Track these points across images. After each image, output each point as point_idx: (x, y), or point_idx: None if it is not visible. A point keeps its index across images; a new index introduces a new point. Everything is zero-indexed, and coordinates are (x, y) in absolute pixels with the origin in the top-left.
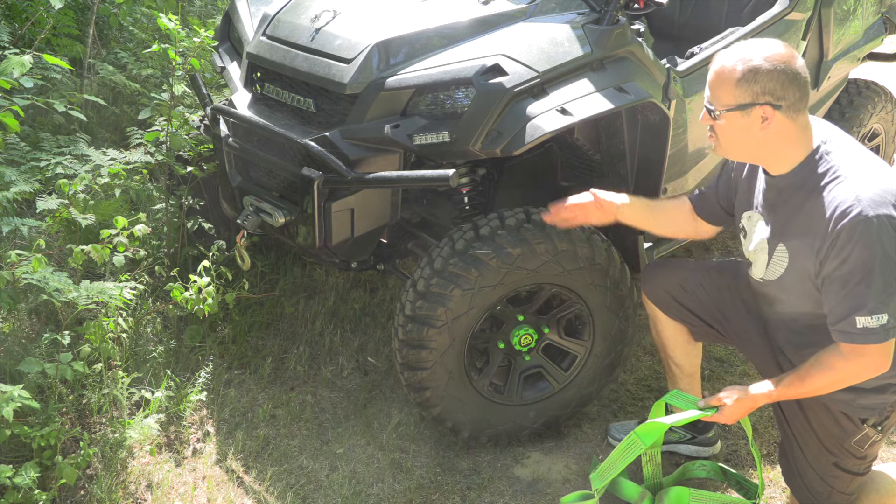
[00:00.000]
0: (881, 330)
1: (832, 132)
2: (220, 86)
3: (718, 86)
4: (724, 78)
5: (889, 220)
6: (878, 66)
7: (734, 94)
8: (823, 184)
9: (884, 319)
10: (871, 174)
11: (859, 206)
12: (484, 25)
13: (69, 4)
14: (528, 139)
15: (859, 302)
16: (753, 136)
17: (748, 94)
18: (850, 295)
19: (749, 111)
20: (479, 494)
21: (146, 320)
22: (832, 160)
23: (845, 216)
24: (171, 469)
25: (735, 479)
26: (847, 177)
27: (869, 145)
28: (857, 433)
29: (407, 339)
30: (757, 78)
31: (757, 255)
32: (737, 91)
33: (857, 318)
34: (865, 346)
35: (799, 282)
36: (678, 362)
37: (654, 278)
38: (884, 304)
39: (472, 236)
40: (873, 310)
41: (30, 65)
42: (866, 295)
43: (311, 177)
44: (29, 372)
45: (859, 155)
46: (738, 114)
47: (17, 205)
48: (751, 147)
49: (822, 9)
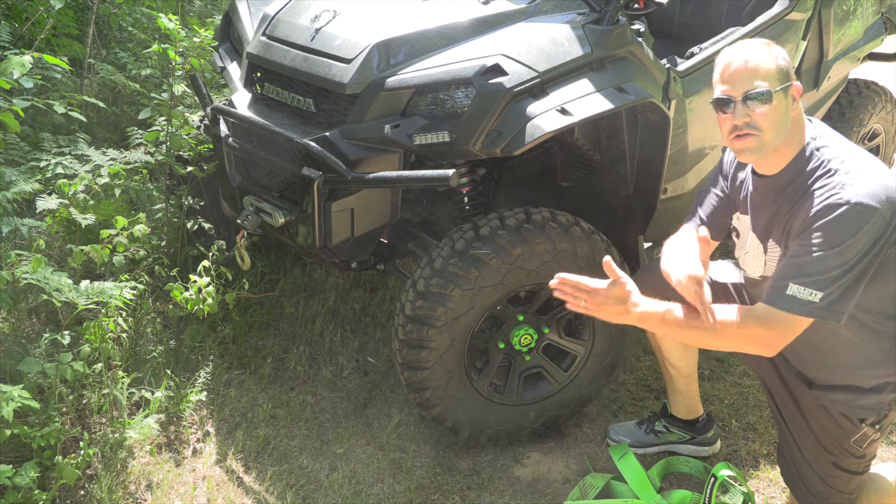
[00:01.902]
0: (804, 304)
1: (822, 129)
2: (220, 86)
3: (756, 71)
4: (760, 61)
5: (870, 211)
6: (878, 66)
7: (777, 73)
8: (815, 178)
9: (814, 297)
10: (864, 169)
11: (845, 195)
12: (484, 25)
13: (69, 4)
14: (528, 139)
15: (802, 271)
16: (789, 118)
17: (785, 72)
18: (798, 261)
19: (788, 91)
20: (479, 494)
21: (146, 320)
22: (823, 155)
23: (829, 198)
24: (171, 469)
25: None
26: (838, 170)
27: (869, 145)
28: (855, 433)
29: (407, 339)
30: (783, 57)
31: (752, 255)
32: (778, 69)
33: (791, 283)
34: (779, 314)
35: None
36: (674, 364)
37: (650, 278)
38: (822, 284)
39: (472, 236)
40: (809, 284)
41: (30, 65)
42: (811, 267)
43: (311, 177)
44: (29, 372)
45: (851, 151)
46: (782, 94)
47: (17, 205)
48: (784, 132)
49: (822, 9)
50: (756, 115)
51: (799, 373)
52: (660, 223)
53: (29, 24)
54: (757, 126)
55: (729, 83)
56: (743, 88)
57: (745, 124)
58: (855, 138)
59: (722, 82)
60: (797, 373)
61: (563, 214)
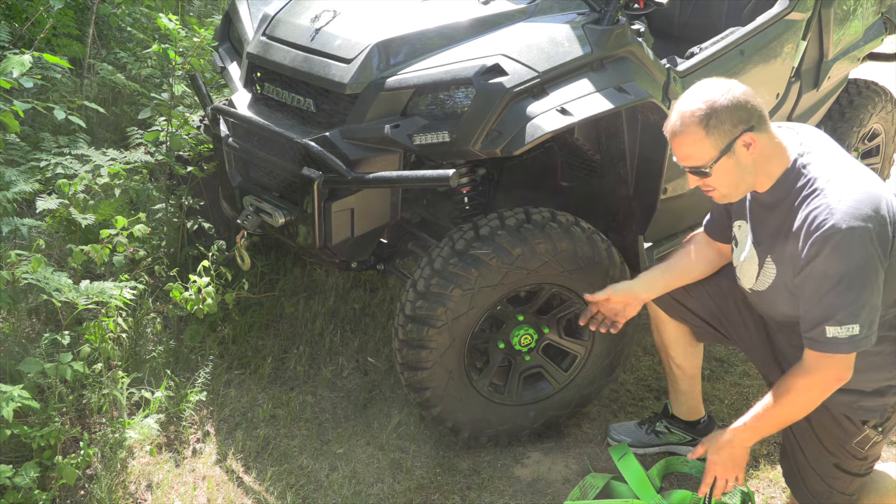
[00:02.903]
0: (849, 341)
1: (811, 142)
2: (220, 86)
3: (692, 148)
4: (693, 138)
5: (863, 231)
6: (878, 66)
7: (713, 145)
8: (801, 197)
9: (854, 330)
10: (848, 186)
11: (832, 220)
12: (484, 25)
13: (69, 4)
14: (528, 139)
15: (830, 312)
16: (745, 166)
17: (724, 136)
18: (821, 304)
19: (733, 149)
20: (479, 494)
21: (146, 320)
22: (809, 172)
23: (819, 228)
24: (171, 469)
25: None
26: (823, 189)
27: (869, 145)
28: (857, 434)
29: (407, 339)
30: (721, 117)
31: (747, 266)
32: (713, 140)
33: (827, 327)
34: (832, 356)
35: (786, 294)
36: (679, 363)
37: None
38: (854, 316)
39: (472, 236)
40: (842, 320)
41: (30, 64)
42: (837, 305)
43: (311, 177)
44: (29, 372)
45: (837, 165)
46: (725, 158)
47: (17, 205)
48: (747, 178)
49: (822, 9)
50: (706, 181)
51: None
52: (660, 223)
53: (29, 24)
54: (711, 187)
55: (674, 151)
56: (683, 163)
57: (703, 184)
58: (855, 138)
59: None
60: None
61: (563, 214)
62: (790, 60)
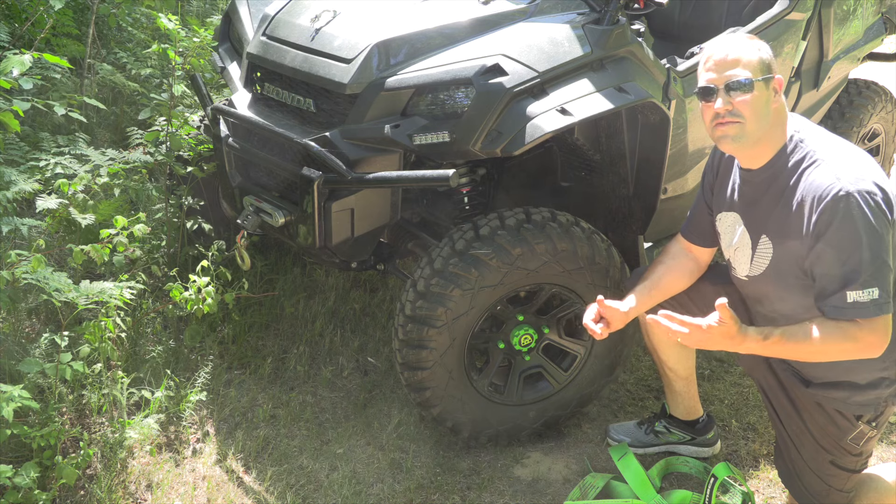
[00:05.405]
0: (872, 304)
1: (803, 123)
2: (220, 86)
3: (738, 60)
4: (743, 52)
5: (870, 194)
6: (878, 66)
7: (760, 65)
8: (801, 170)
9: (875, 294)
10: (847, 156)
11: (839, 184)
12: (484, 25)
13: (69, 4)
14: (528, 139)
15: (850, 277)
16: (770, 109)
17: (768, 65)
18: (840, 270)
19: (769, 82)
20: (479, 494)
21: (146, 320)
22: (807, 146)
23: (827, 195)
24: (171, 469)
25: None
26: (824, 160)
27: (869, 145)
28: (852, 430)
29: (407, 339)
30: (766, 51)
31: (740, 253)
32: (760, 61)
33: (848, 292)
34: (861, 322)
35: (785, 272)
36: (672, 367)
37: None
38: (874, 279)
39: (472, 236)
40: (864, 284)
41: (30, 64)
42: (856, 270)
43: (311, 177)
44: (29, 372)
45: (833, 141)
46: (763, 84)
47: (17, 205)
48: (766, 124)
49: (822, 9)
50: (737, 104)
51: (795, 371)
52: (660, 223)
53: (29, 24)
54: (739, 114)
55: (712, 72)
56: (725, 78)
57: (728, 112)
58: (855, 138)
59: (706, 71)
60: (793, 371)
61: (563, 214)
62: (790, 60)
